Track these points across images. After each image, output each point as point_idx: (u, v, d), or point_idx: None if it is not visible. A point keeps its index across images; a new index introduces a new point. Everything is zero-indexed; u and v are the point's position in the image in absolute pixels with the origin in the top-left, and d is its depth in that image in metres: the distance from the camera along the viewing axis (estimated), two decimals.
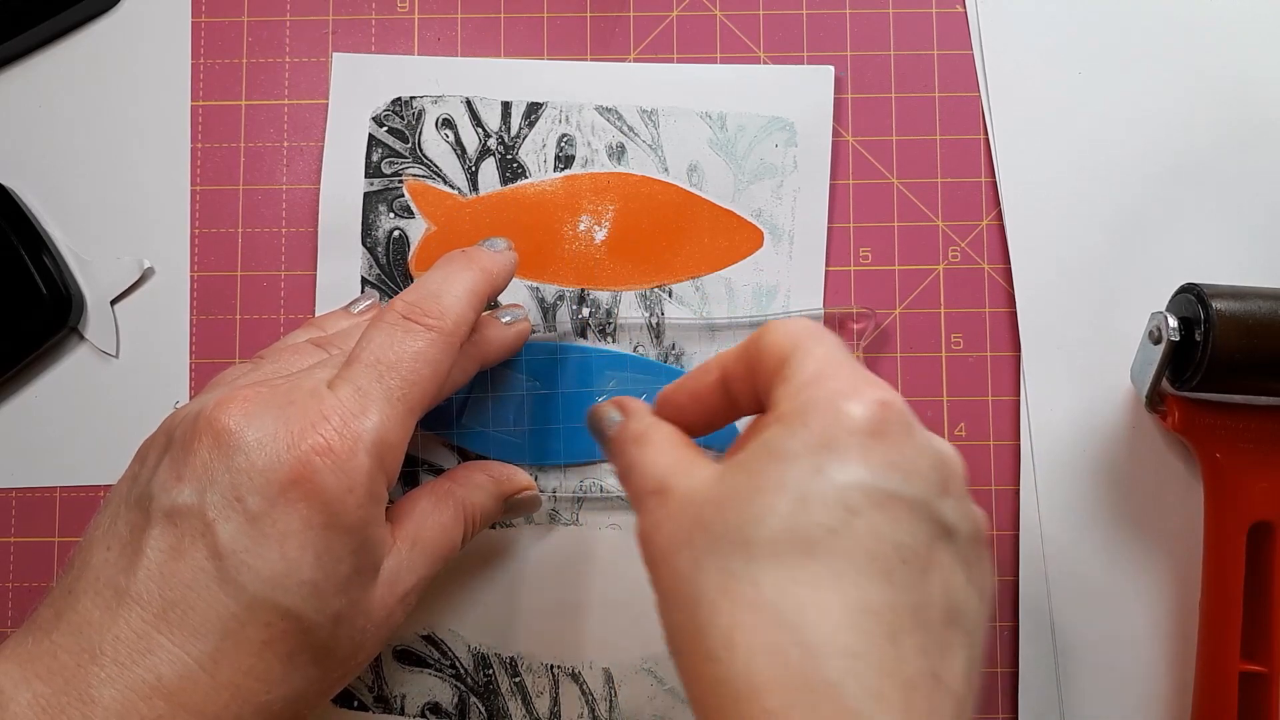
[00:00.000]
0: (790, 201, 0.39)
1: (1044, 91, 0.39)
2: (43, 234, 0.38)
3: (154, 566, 0.26)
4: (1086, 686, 0.37)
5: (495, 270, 0.33)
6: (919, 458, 0.25)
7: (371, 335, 0.29)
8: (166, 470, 0.27)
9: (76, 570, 0.27)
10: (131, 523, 0.27)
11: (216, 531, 0.26)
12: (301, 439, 0.27)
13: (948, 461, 0.26)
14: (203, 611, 0.26)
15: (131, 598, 0.26)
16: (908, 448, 0.25)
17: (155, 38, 0.40)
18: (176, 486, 0.27)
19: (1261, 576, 0.35)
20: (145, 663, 0.26)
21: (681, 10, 0.40)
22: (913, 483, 0.24)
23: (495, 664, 0.38)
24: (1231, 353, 0.33)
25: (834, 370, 0.26)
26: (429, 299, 0.30)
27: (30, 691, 0.25)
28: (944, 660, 0.24)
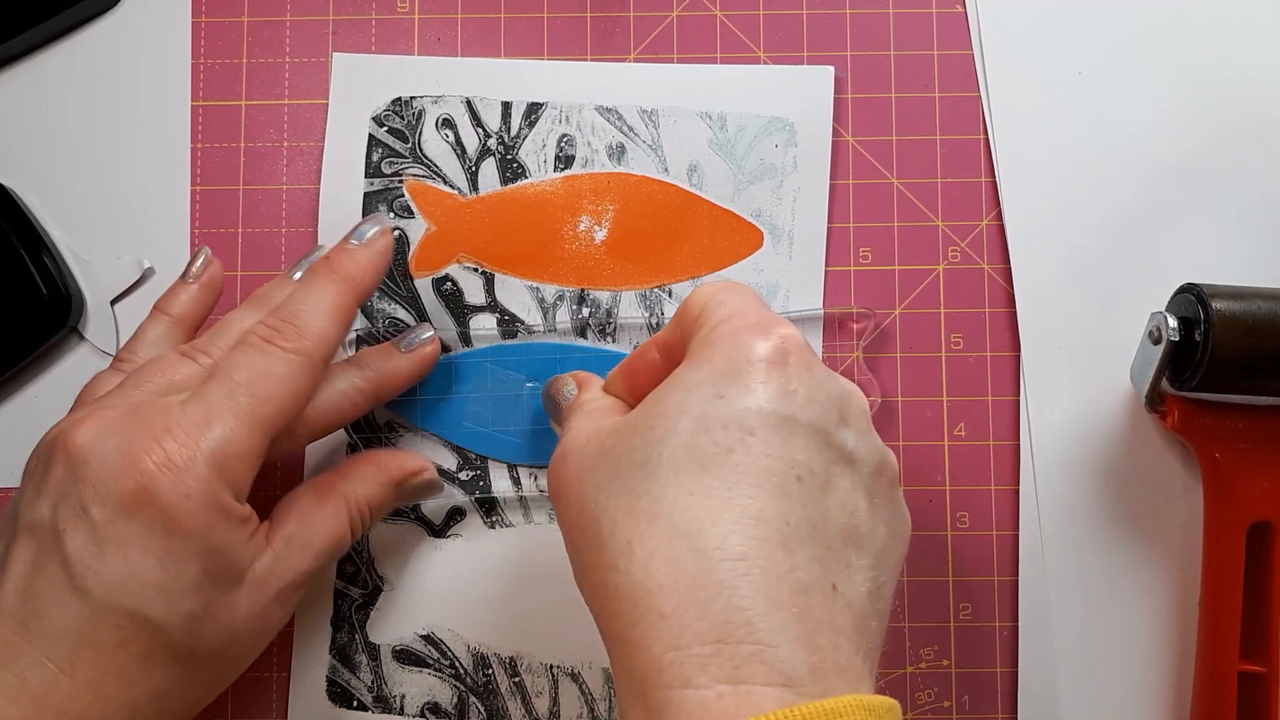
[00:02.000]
0: (790, 201, 0.39)
1: (1044, 91, 0.39)
2: (43, 234, 0.38)
3: (18, 579, 0.29)
4: (1086, 686, 0.37)
5: (359, 275, 0.33)
6: (818, 389, 0.26)
7: (232, 356, 0.31)
8: (30, 488, 0.30)
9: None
10: (5, 538, 0.30)
11: (65, 542, 0.28)
12: (143, 452, 0.28)
13: (847, 395, 0.27)
14: (58, 618, 0.28)
15: (3, 611, 0.28)
16: (806, 378, 0.26)
17: (155, 38, 0.40)
18: (36, 502, 0.29)
19: (1261, 576, 0.35)
20: (12, 669, 0.28)
21: (681, 10, 0.40)
22: (810, 410, 0.26)
23: (495, 664, 0.38)
24: (1231, 353, 0.33)
25: (742, 312, 0.28)
26: (289, 319, 0.32)
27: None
28: (843, 575, 0.25)
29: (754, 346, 0.26)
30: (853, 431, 0.27)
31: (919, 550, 0.38)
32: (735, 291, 0.29)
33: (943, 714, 0.38)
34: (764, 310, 0.28)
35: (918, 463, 0.38)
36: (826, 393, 0.27)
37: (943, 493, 0.38)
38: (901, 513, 0.28)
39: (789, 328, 0.27)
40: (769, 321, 0.27)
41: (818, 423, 0.26)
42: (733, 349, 0.27)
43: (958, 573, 0.38)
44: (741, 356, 0.26)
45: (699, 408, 0.26)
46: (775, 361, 0.26)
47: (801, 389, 0.26)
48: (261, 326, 0.32)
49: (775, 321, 0.27)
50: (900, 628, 0.38)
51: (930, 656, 0.38)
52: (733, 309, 0.28)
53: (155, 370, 0.32)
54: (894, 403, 0.38)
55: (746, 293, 0.29)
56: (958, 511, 0.38)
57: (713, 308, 0.28)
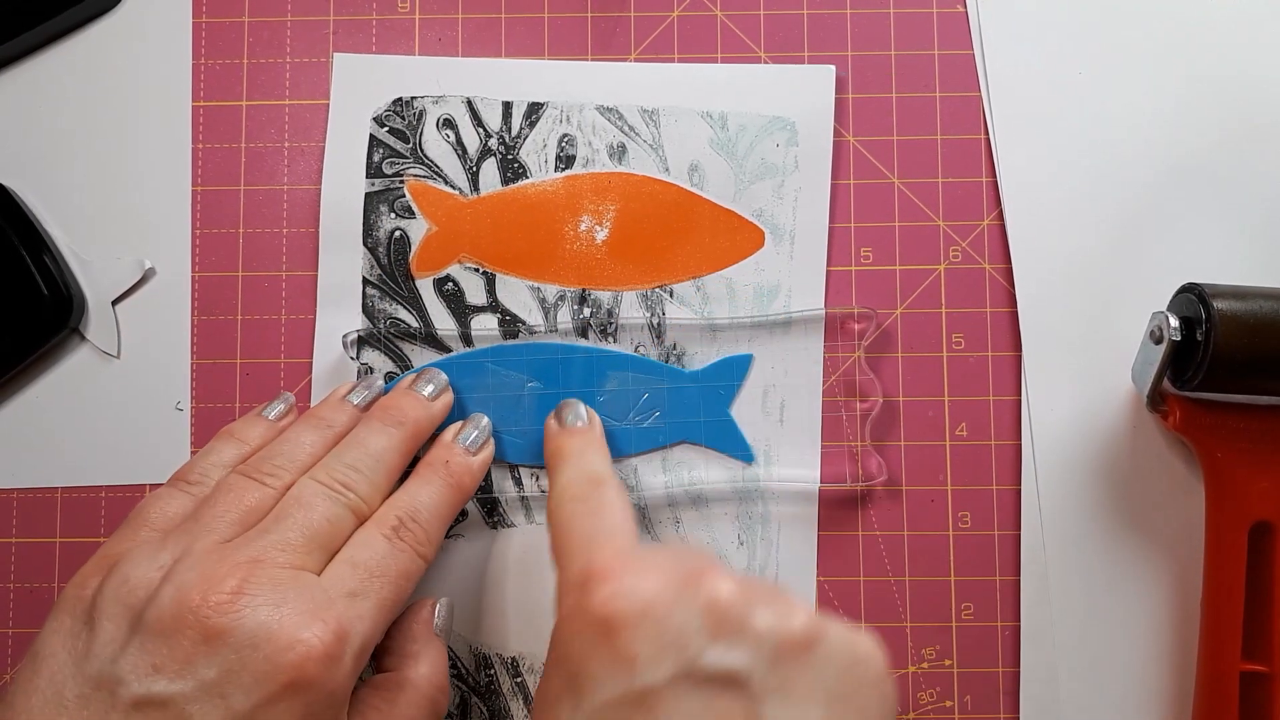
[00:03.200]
0: (791, 201, 0.39)
1: (1044, 91, 0.39)
2: (43, 234, 0.38)
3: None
4: (1088, 686, 0.37)
5: (470, 486, 0.34)
6: (663, 629, 0.25)
7: (367, 537, 0.30)
8: (138, 655, 0.26)
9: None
10: (85, 699, 0.26)
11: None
12: (298, 641, 0.27)
13: (703, 604, 0.26)
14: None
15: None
16: (646, 626, 0.25)
17: (156, 38, 0.40)
18: (152, 676, 0.26)
19: (1262, 576, 0.35)
20: None
21: (682, 10, 0.40)
22: (663, 662, 0.25)
23: (497, 664, 0.38)
24: (1233, 352, 0.33)
25: (568, 580, 0.28)
26: (414, 518, 0.32)
27: None
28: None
29: (580, 634, 0.26)
30: (723, 644, 0.25)
31: (921, 550, 0.38)
32: (567, 532, 0.29)
33: (944, 714, 0.38)
34: (589, 550, 0.28)
35: (919, 463, 0.38)
36: (676, 623, 0.25)
37: (944, 493, 0.38)
38: (839, 659, 0.26)
39: (613, 582, 0.26)
40: (592, 579, 0.27)
41: (679, 669, 0.25)
42: (564, 645, 0.26)
43: (959, 572, 0.38)
44: (574, 652, 0.26)
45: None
46: (605, 634, 0.25)
47: (645, 646, 0.25)
48: (393, 518, 0.31)
49: (597, 575, 0.27)
50: (902, 628, 0.38)
51: (932, 656, 0.38)
52: (563, 578, 0.28)
53: (228, 498, 0.31)
54: (895, 403, 0.38)
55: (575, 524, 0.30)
56: (959, 511, 0.38)
57: (559, 572, 0.29)
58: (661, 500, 0.38)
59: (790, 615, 0.26)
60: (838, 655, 0.26)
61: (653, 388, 0.38)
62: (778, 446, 0.38)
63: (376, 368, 0.38)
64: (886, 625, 0.38)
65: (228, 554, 0.28)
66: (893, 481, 0.38)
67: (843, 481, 0.38)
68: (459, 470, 0.34)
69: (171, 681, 0.26)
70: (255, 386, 0.39)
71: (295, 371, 0.39)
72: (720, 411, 0.38)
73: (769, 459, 0.38)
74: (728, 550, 0.38)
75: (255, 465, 0.32)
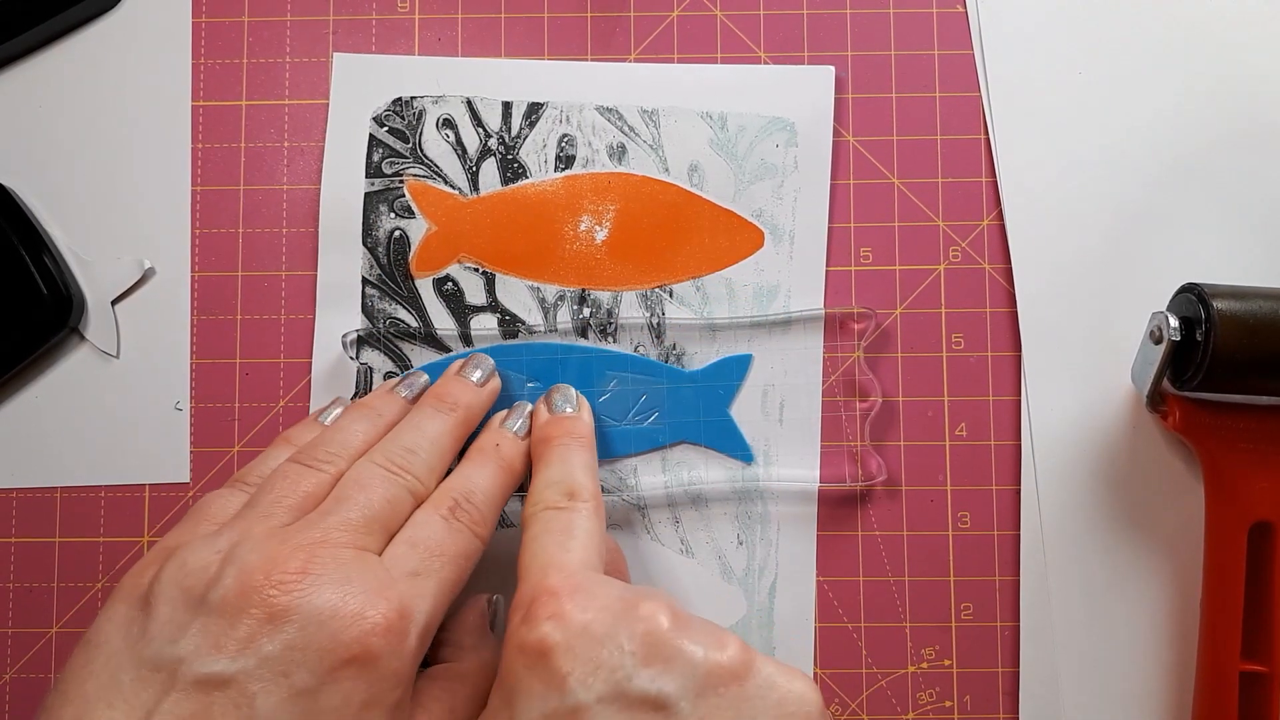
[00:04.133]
0: (791, 201, 0.39)
1: (1044, 91, 0.39)
2: (43, 234, 0.38)
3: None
4: (1086, 686, 0.37)
5: (521, 469, 0.34)
6: (594, 650, 0.26)
7: (426, 518, 0.30)
8: (200, 635, 0.26)
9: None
10: (143, 681, 0.26)
11: (256, 704, 0.25)
12: (362, 617, 0.27)
13: (639, 631, 0.26)
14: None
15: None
16: (579, 647, 0.26)
17: (155, 38, 0.40)
18: (214, 655, 0.26)
19: (1262, 576, 0.35)
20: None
21: (682, 10, 0.40)
22: (594, 682, 0.25)
23: None
24: (1232, 353, 0.33)
25: (514, 606, 0.28)
26: (469, 498, 0.31)
27: None
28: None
29: (519, 653, 0.26)
30: (653, 669, 0.26)
31: (921, 550, 0.38)
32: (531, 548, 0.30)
33: (944, 714, 0.38)
34: (544, 573, 0.28)
35: (919, 463, 0.38)
36: (609, 647, 0.26)
37: (944, 493, 0.38)
38: (768, 695, 0.26)
39: (554, 605, 0.27)
40: (537, 601, 0.27)
41: (607, 690, 0.25)
42: (504, 664, 0.27)
43: (959, 573, 0.38)
44: (511, 670, 0.26)
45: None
46: (540, 654, 0.26)
47: (576, 666, 0.26)
48: (449, 499, 0.31)
49: (541, 598, 0.27)
50: (902, 628, 0.38)
51: (932, 656, 0.38)
52: (516, 597, 0.28)
53: (284, 484, 0.31)
54: (895, 403, 0.38)
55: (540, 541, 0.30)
56: (959, 511, 0.38)
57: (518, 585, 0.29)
58: (661, 500, 0.38)
59: (723, 647, 0.26)
60: (767, 692, 0.26)
61: (652, 388, 0.38)
62: (777, 446, 0.38)
63: (376, 368, 0.38)
64: (886, 625, 0.38)
65: (289, 536, 0.28)
66: (892, 481, 0.38)
67: (842, 481, 0.38)
68: (510, 453, 0.34)
69: (234, 660, 0.26)
70: (255, 386, 0.39)
71: (295, 371, 0.39)
72: (720, 411, 0.38)
73: (768, 459, 0.38)
74: (727, 550, 0.38)
75: (309, 453, 0.32)
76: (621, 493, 0.38)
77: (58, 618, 0.38)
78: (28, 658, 0.38)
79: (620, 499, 0.38)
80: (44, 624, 0.38)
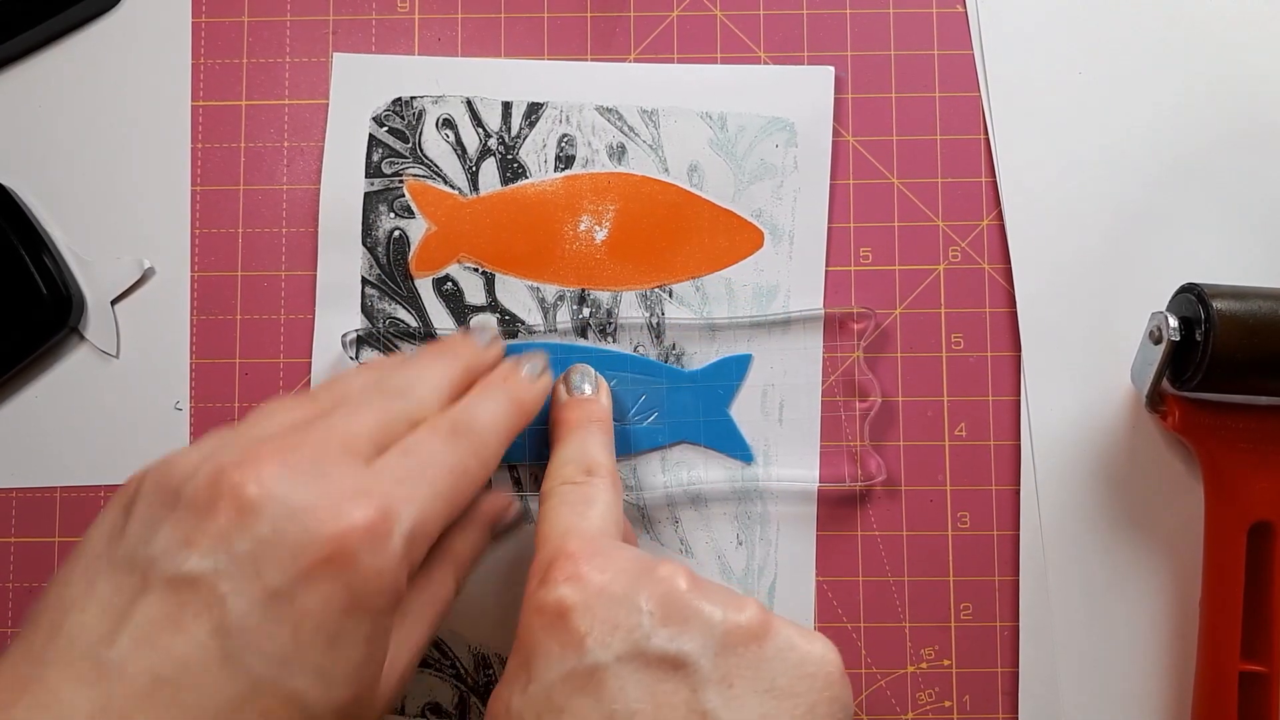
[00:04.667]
0: (790, 201, 0.39)
1: (1044, 91, 0.39)
2: (43, 234, 0.38)
3: (144, 638, 0.24)
4: (1086, 686, 0.37)
5: (530, 406, 0.33)
6: (615, 608, 0.26)
7: (423, 433, 0.29)
8: (171, 532, 0.25)
9: (45, 633, 0.24)
10: (117, 584, 0.25)
11: (228, 605, 0.24)
12: (340, 512, 0.25)
13: (655, 591, 0.26)
14: (196, 691, 0.23)
15: (113, 672, 0.23)
16: (597, 607, 0.26)
17: (155, 38, 0.40)
18: (184, 552, 0.24)
19: (1261, 576, 0.35)
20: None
21: (682, 10, 0.40)
22: (611, 641, 0.25)
23: (495, 664, 0.38)
24: (1232, 353, 0.33)
25: (535, 569, 0.28)
26: (474, 424, 0.30)
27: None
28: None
29: (537, 615, 0.26)
30: (671, 628, 0.25)
31: (920, 550, 0.38)
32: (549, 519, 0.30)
33: (944, 714, 0.38)
34: (562, 540, 0.28)
35: (918, 463, 0.38)
36: (627, 607, 0.26)
37: (943, 493, 0.38)
38: (788, 656, 0.26)
39: (571, 568, 0.27)
40: (554, 564, 0.27)
41: (626, 649, 0.25)
42: (523, 627, 0.26)
43: (958, 573, 0.38)
44: (530, 633, 0.26)
45: (519, 704, 0.25)
46: (559, 615, 0.26)
47: (595, 626, 0.25)
48: (451, 419, 0.30)
49: (559, 561, 0.27)
50: (901, 628, 0.38)
51: (931, 656, 0.38)
52: (534, 564, 0.28)
53: (281, 406, 0.29)
54: (894, 403, 0.38)
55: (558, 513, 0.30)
56: (958, 511, 0.38)
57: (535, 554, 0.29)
58: (660, 500, 0.38)
59: (742, 608, 0.26)
60: (786, 652, 0.26)
61: (652, 388, 0.38)
62: (777, 446, 0.38)
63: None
64: (885, 625, 0.38)
65: (272, 437, 0.27)
66: (892, 481, 0.38)
67: (842, 481, 0.38)
68: (518, 388, 0.32)
69: (203, 557, 0.24)
70: (254, 386, 0.39)
71: (294, 371, 0.39)
72: (719, 411, 0.38)
73: (768, 459, 0.38)
74: (726, 550, 0.38)
75: (394, 383, 0.31)
76: None
77: None
78: None
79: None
80: None
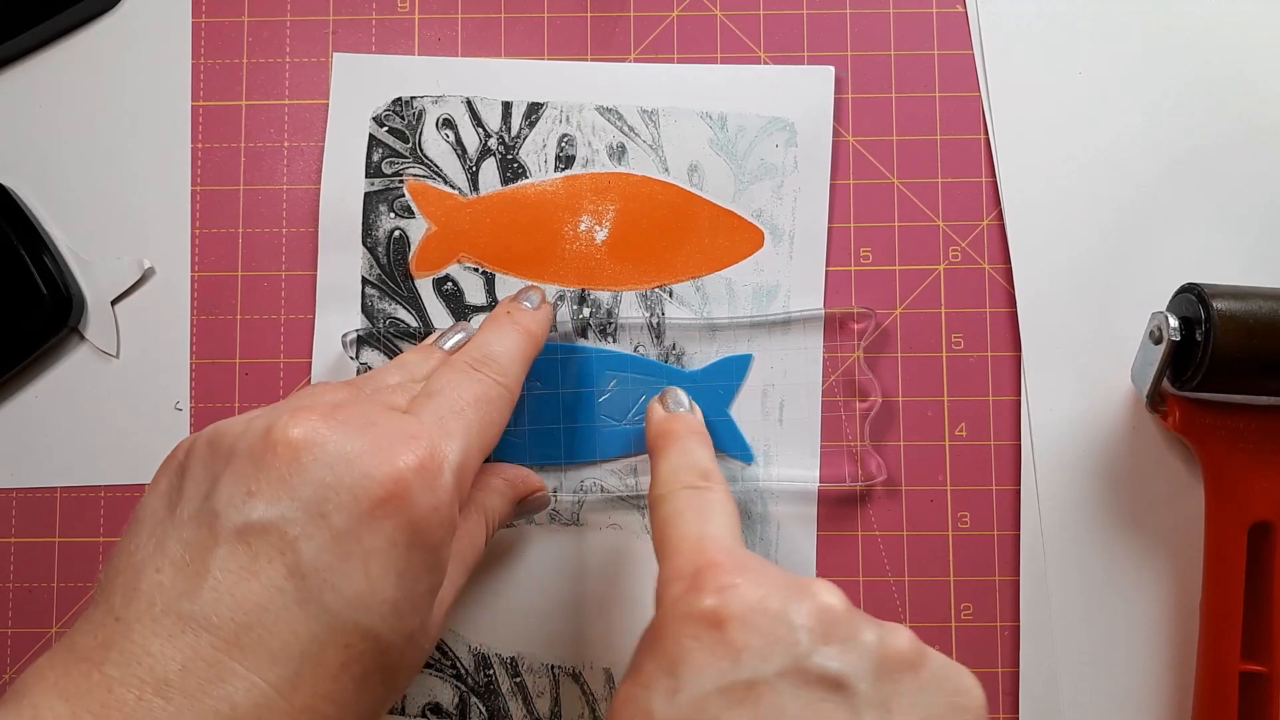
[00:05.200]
0: (790, 201, 0.39)
1: (1044, 91, 0.39)
2: (43, 234, 0.38)
3: (223, 589, 0.24)
4: (1086, 686, 0.37)
5: (537, 332, 0.34)
6: (773, 626, 0.25)
7: (444, 374, 0.30)
8: (232, 485, 0.26)
9: (122, 595, 0.25)
10: (187, 541, 0.25)
11: (299, 549, 0.25)
12: (393, 455, 0.26)
13: (810, 609, 0.25)
14: (281, 634, 0.24)
15: (198, 623, 0.24)
16: (755, 621, 0.25)
17: (155, 38, 0.40)
18: (249, 502, 0.25)
19: (1261, 576, 0.35)
20: (217, 692, 0.24)
21: (681, 10, 0.40)
22: (771, 656, 0.24)
23: (496, 664, 0.38)
24: (1232, 353, 0.33)
25: (677, 571, 0.27)
26: (491, 357, 0.31)
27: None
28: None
29: (686, 623, 0.25)
30: (835, 646, 0.25)
31: (920, 550, 0.38)
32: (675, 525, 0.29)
33: None
34: (700, 546, 0.28)
35: (918, 463, 0.38)
36: (785, 622, 0.25)
37: (944, 493, 0.38)
38: (942, 685, 0.25)
39: (724, 578, 0.26)
40: (703, 573, 0.26)
41: (787, 665, 0.24)
42: (666, 635, 0.26)
43: (959, 573, 0.38)
44: (677, 640, 0.25)
45: (665, 712, 0.25)
46: (714, 625, 0.25)
47: (754, 638, 0.25)
48: (467, 356, 0.31)
49: (708, 571, 0.26)
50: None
51: None
52: (670, 569, 0.28)
53: (315, 392, 0.31)
54: (895, 403, 0.38)
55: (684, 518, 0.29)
56: (959, 511, 0.38)
57: (663, 562, 0.28)
58: None
59: (897, 634, 0.26)
60: (941, 681, 0.25)
61: (652, 388, 0.38)
62: (777, 446, 0.38)
63: (376, 367, 0.38)
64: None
65: (318, 396, 0.29)
66: (892, 481, 0.38)
67: (842, 481, 0.38)
68: (525, 319, 0.34)
69: (270, 505, 0.25)
70: (255, 386, 0.39)
71: (295, 371, 0.39)
72: (720, 411, 0.38)
73: (768, 459, 0.38)
74: None
75: (355, 381, 0.32)
76: (621, 493, 0.38)
77: (58, 618, 0.38)
78: (28, 658, 0.38)
79: (620, 499, 0.38)
80: (44, 624, 0.38)
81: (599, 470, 0.38)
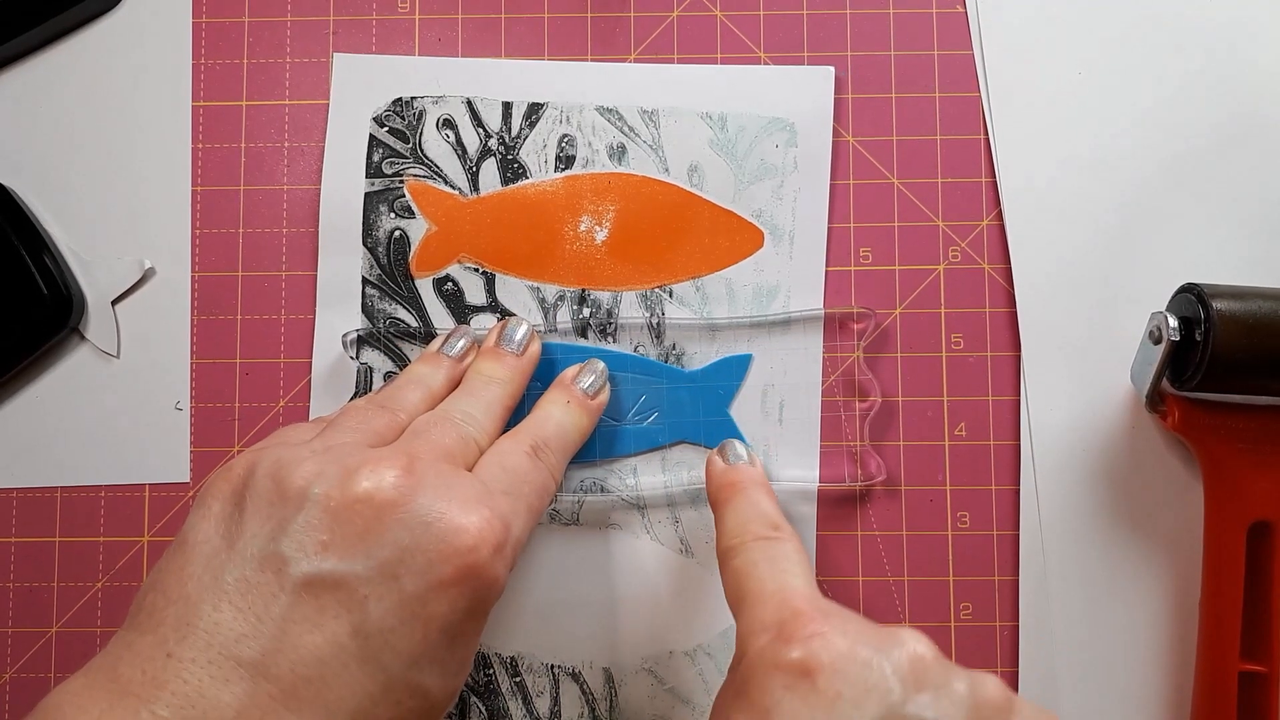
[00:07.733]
0: (790, 201, 0.39)
1: (1044, 91, 0.39)
2: (43, 234, 0.38)
3: (286, 639, 0.25)
4: (1086, 686, 0.37)
5: (590, 424, 0.36)
6: (866, 673, 0.25)
7: (509, 450, 0.31)
8: (304, 533, 0.26)
9: (174, 628, 0.25)
10: (250, 582, 0.25)
11: (368, 609, 0.25)
12: (468, 525, 0.27)
13: (906, 656, 0.25)
14: (338, 689, 0.25)
15: (257, 670, 0.24)
16: (848, 669, 0.25)
17: (156, 38, 0.40)
18: (321, 554, 0.25)
19: (1261, 576, 0.35)
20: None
21: (682, 10, 0.40)
22: (867, 704, 0.24)
23: (495, 664, 0.38)
24: (1232, 352, 0.33)
25: (761, 623, 0.27)
26: (546, 442, 0.33)
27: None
28: None
29: (777, 673, 0.25)
30: (928, 694, 0.25)
31: (920, 550, 0.38)
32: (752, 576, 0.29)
33: None
34: (782, 597, 0.27)
35: (918, 463, 0.38)
36: (876, 671, 0.25)
37: (943, 493, 0.38)
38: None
39: (813, 627, 0.26)
40: (790, 624, 0.26)
41: (882, 713, 0.24)
42: (756, 684, 0.25)
43: (958, 572, 0.38)
44: (768, 690, 0.25)
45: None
46: (805, 674, 0.25)
47: (848, 687, 0.24)
48: (529, 438, 0.32)
49: (796, 621, 0.26)
50: (900, 628, 0.38)
51: None
52: (751, 620, 0.27)
53: (359, 415, 0.31)
54: (894, 403, 0.38)
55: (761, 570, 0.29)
56: (958, 511, 0.38)
57: (743, 613, 0.28)
58: (661, 500, 0.38)
59: (986, 682, 0.26)
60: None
61: (652, 388, 0.38)
62: (777, 446, 0.38)
63: (376, 368, 0.38)
64: (885, 625, 0.38)
65: (386, 448, 0.29)
66: (891, 481, 0.38)
67: (841, 481, 0.38)
68: (584, 406, 0.35)
69: (343, 560, 0.25)
70: (255, 386, 0.39)
71: (295, 371, 0.39)
72: (719, 411, 0.38)
73: (768, 458, 0.38)
74: None
75: (381, 396, 0.33)
76: (621, 493, 0.38)
77: (58, 617, 0.38)
78: (28, 657, 0.38)
79: (620, 499, 0.38)
80: (44, 624, 0.38)
81: (599, 470, 0.38)
